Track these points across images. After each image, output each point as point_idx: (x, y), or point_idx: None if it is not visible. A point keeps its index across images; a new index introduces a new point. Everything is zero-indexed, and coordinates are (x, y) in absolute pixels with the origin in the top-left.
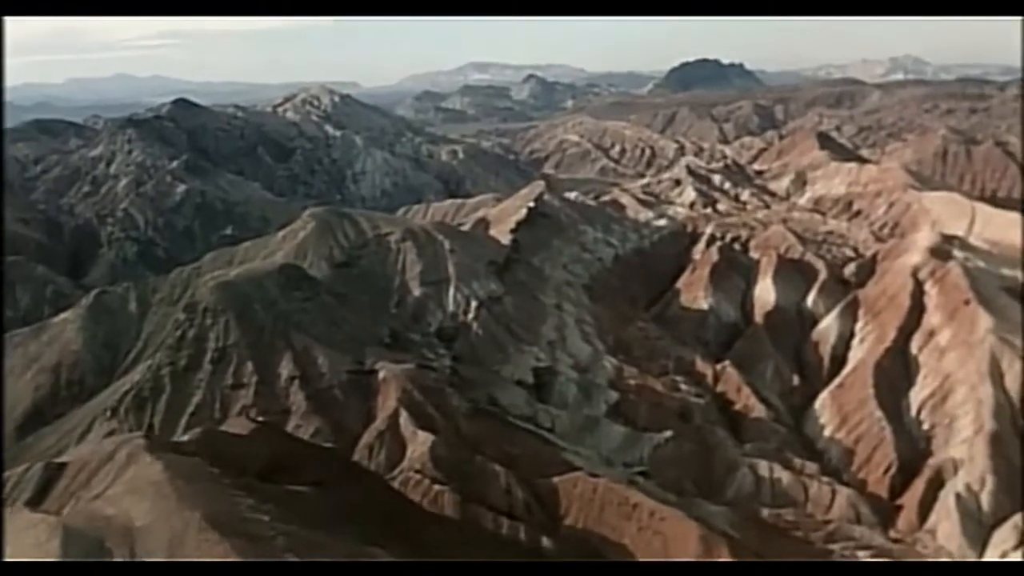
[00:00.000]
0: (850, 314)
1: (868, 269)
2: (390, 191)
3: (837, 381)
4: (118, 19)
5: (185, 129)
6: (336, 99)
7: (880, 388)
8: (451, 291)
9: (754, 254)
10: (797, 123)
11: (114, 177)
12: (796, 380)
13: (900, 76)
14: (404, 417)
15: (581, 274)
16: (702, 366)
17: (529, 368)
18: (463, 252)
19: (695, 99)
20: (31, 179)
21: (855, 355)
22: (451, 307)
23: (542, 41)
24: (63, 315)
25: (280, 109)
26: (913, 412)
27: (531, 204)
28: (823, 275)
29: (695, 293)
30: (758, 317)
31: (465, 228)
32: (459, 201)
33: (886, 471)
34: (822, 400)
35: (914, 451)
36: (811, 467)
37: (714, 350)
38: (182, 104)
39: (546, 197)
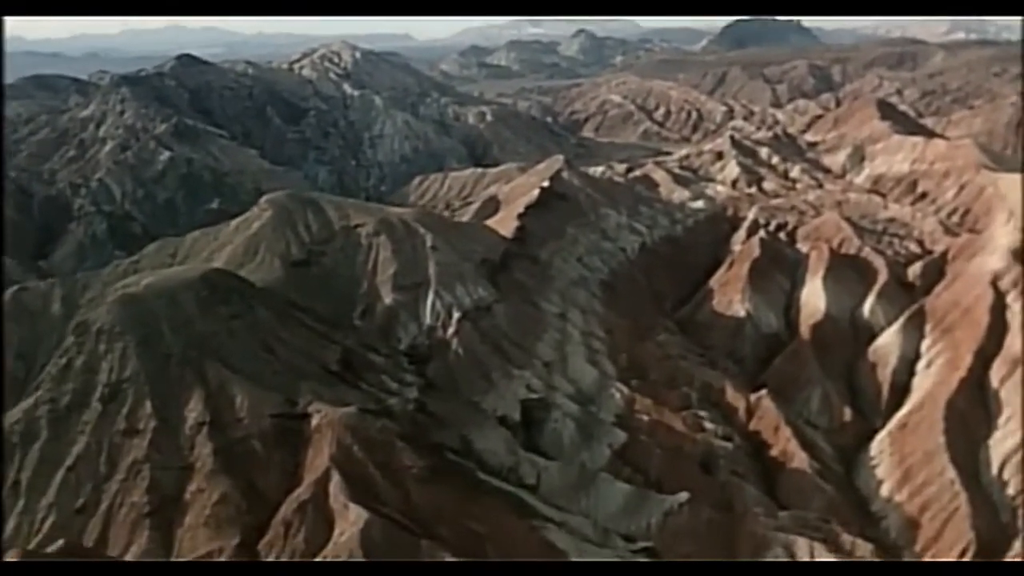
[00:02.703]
0: (915, 328)
1: (937, 270)
2: (410, 156)
3: (899, 418)
4: None
5: (188, 88)
6: (358, 55)
7: (953, 435)
8: (430, 298)
9: (802, 246)
10: (855, 85)
11: (101, 141)
12: (848, 414)
13: (962, 35)
14: (336, 482)
15: (599, 268)
16: (733, 396)
17: (517, 400)
18: (448, 249)
19: (748, 58)
20: (17, 141)
21: (921, 383)
22: (428, 318)
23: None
24: None
25: (297, 66)
26: (995, 469)
27: (545, 184)
28: (883, 276)
29: (731, 295)
30: (804, 328)
31: (473, 206)
32: (480, 171)
33: (961, 554)
34: (879, 443)
35: (997, 527)
36: (863, 548)
37: (750, 367)
38: (187, 60)
39: (564, 175)
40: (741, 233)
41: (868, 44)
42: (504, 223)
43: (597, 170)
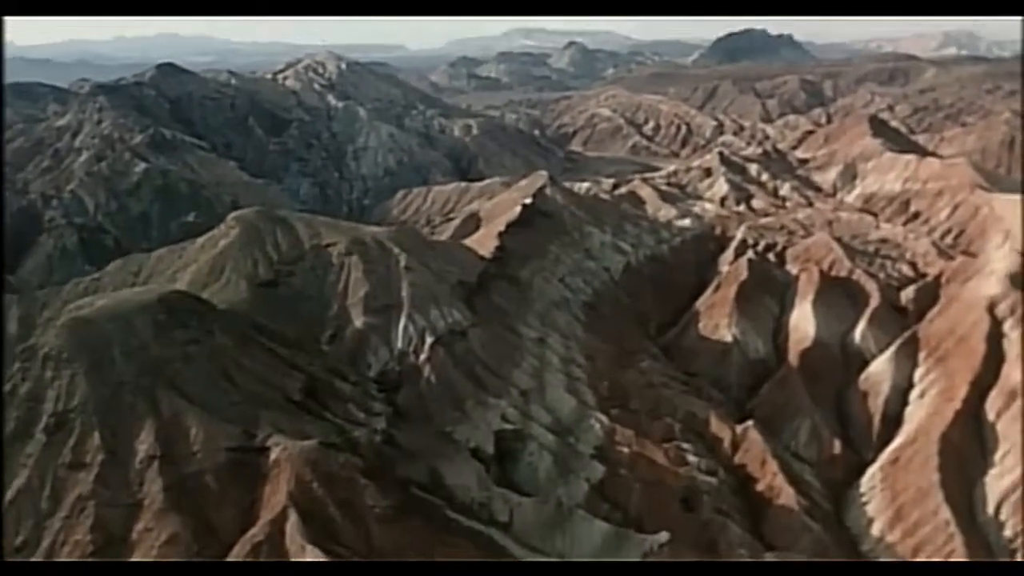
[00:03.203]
0: (908, 356)
1: (931, 294)
2: (394, 169)
3: (890, 451)
4: None
5: (168, 97)
6: (343, 66)
7: (947, 471)
8: (402, 322)
9: (792, 268)
10: (847, 101)
11: (76, 151)
12: (838, 446)
13: (953, 51)
14: (293, 522)
15: (582, 289)
16: (718, 427)
17: (491, 431)
18: (423, 270)
19: (739, 72)
20: None
21: (914, 415)
22: (399, 343)
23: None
24: None
25: (281, 76)
26: (991, 508)
27: (527, 201)
28: (875, 300)
29: (717, 319)
30: (793, 354)
31: (454, 223)
32: (464, 185)
33: None
34: (871, 478)
35: None
36: None
37: (736, 394)
38: (167, 69)
39: (548, 191)
40: (729, 253)
41: (860, 59)
42: (484, 242)
43: (583, 186)
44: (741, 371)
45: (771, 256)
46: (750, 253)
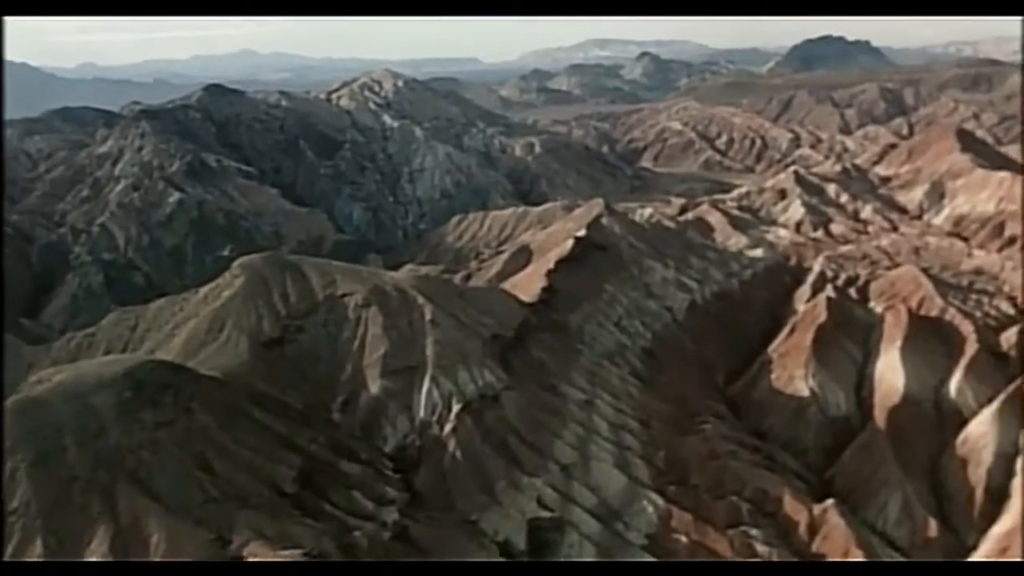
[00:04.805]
0: (1013, 414)
1: None
2: (451, 192)
3: (996, 536)
4: None
5: (215, 120)
6: (400, 83)
7: None
8: (425, 386)
9: (876, 305)
10: (929, 110)
11: (116, 179)
12: (934, 526)
13: None
14: None
15: (640, 333)
16: (793, 506)
17: (524, 519)
18: (452, 323)
19: (816, 80)
20: (33, 179)
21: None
22: (422, 411)
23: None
24: None
25: (335, 96)
26: None
27: (580, 233)
28: (972, 345)
29: (792, 369)
30: (879, 411)
31: (503, 256)
32: (522, 209)
33: None
34: None
35: None
36: None
37: (814, 459)
38: (215, 91)
39: (604, 221)
40: (805, 289)
41: (940, 65)
42: (531, 281)
43: (645, 213)
44: (819, 431)
45: (852, 291)
46: (829, 289)
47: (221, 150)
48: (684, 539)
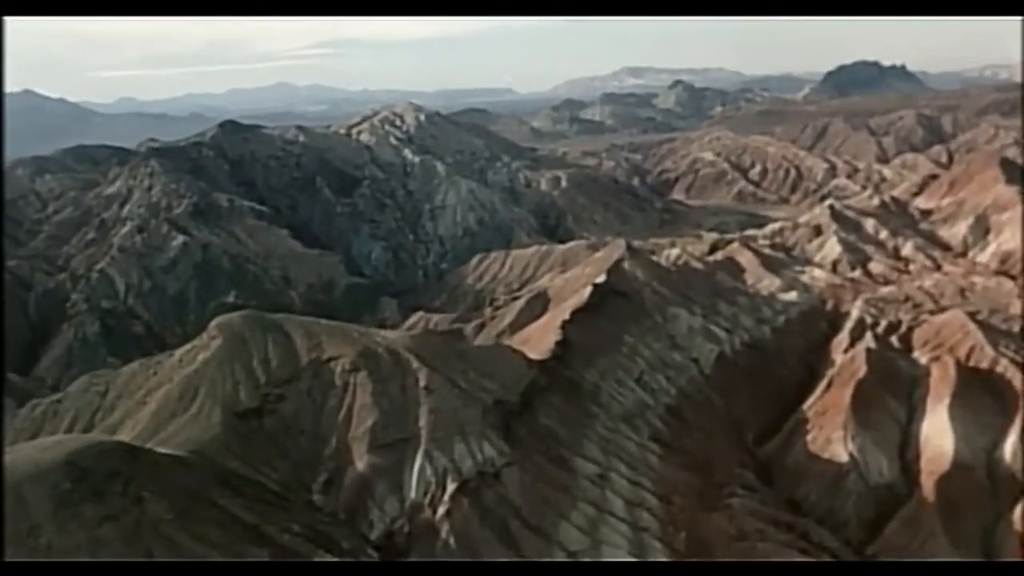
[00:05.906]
0: None
1: None
2: (474, 229)
3: None
4: (282, 28)
5: (229, 158)
6: (422, 117)
7: None
8: (417, 462)
9: (920, 355)
10: (968, 136)
11: (122, 221)
12: None
13: None
14: None
15: (663, 389)
16: None
17: None
18: (449, 389)
19: (851, 107)
20: (40, 221)
21: None
22: (413, 492)
23: (701, 44)
24: None
25: (355, 130)
26: None
27: (599, 279)
28: None
29: (829, 431)
30: (925, 478)
31: (519, 303)
32: (545, 248)
33: None
34: None
35: None
36: None
37: (854, 532)
38: (230, 128)
39: (625, 265)
40: (843, 337)
41: (978, 89)
42: (544, 333)
43: (672, 252)
44: (860, 501)
45: (894, 339)
46: (868, 337)
47: (234, 188)
48: None
